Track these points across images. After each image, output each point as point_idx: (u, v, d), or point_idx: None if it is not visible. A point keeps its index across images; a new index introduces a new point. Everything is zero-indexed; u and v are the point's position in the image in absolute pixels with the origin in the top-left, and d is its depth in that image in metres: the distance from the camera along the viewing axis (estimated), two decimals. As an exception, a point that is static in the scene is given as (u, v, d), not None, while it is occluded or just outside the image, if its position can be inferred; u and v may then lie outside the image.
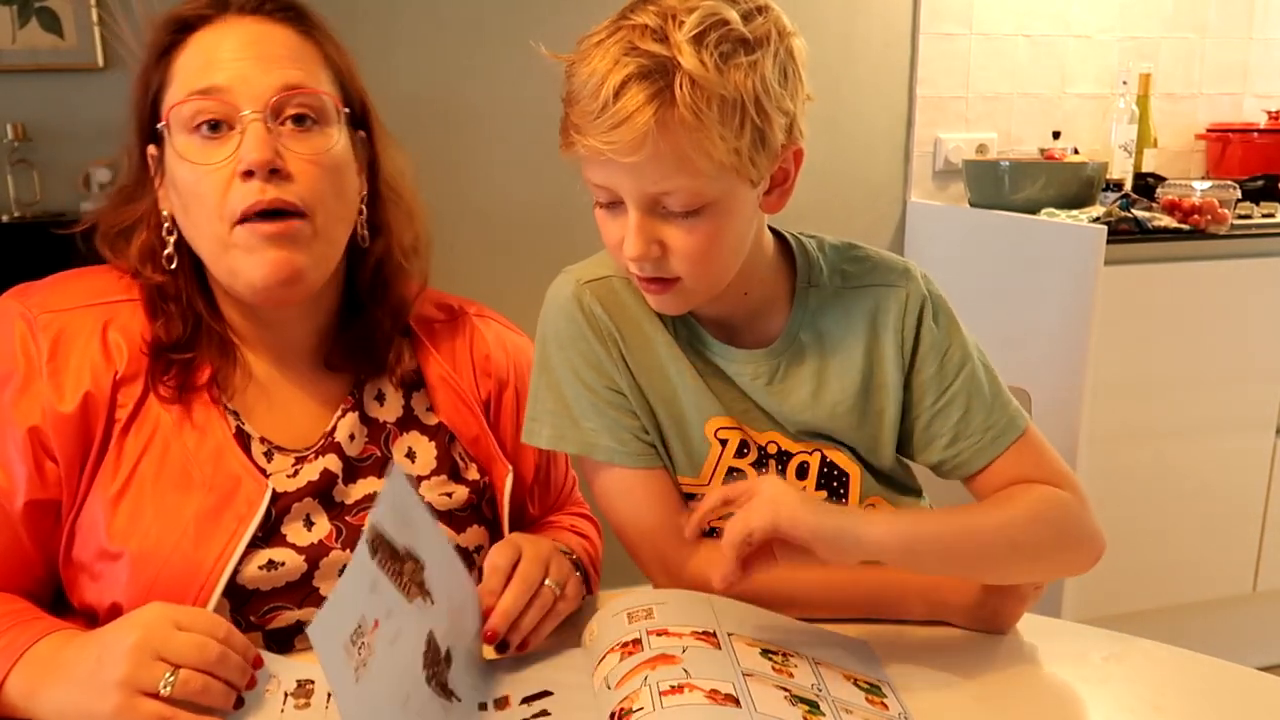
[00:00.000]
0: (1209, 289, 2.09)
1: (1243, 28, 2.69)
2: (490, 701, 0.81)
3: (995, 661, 0.90)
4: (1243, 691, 0.86)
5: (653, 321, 0.96)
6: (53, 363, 0.86)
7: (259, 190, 0.85)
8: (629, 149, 0.79)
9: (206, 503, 0.86)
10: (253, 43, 0.88)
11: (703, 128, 0.79)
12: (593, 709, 0.78)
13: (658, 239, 0.85)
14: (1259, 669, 0.88)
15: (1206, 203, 2.08)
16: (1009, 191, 2.24)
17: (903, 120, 2.48)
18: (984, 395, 0.96)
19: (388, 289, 0.99)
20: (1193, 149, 2.73)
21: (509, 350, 1.06)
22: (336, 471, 0.93)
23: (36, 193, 1.94)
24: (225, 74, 0.86)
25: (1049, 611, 1.08)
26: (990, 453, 0.94)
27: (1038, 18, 2.51)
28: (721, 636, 0.81)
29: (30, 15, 1.93)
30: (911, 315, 0.96)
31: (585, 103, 0.80)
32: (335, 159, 0.90)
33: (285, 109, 0.87)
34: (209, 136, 0.86)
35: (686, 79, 0.78)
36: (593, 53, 0.81)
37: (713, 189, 0.83)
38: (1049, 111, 2.57)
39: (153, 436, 0.88)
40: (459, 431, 1.00)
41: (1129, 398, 2.09)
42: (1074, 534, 0.91)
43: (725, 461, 0.97)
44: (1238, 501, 2.23)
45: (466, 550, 0.97)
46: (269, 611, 0.88)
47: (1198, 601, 2.25)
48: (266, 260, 0.86)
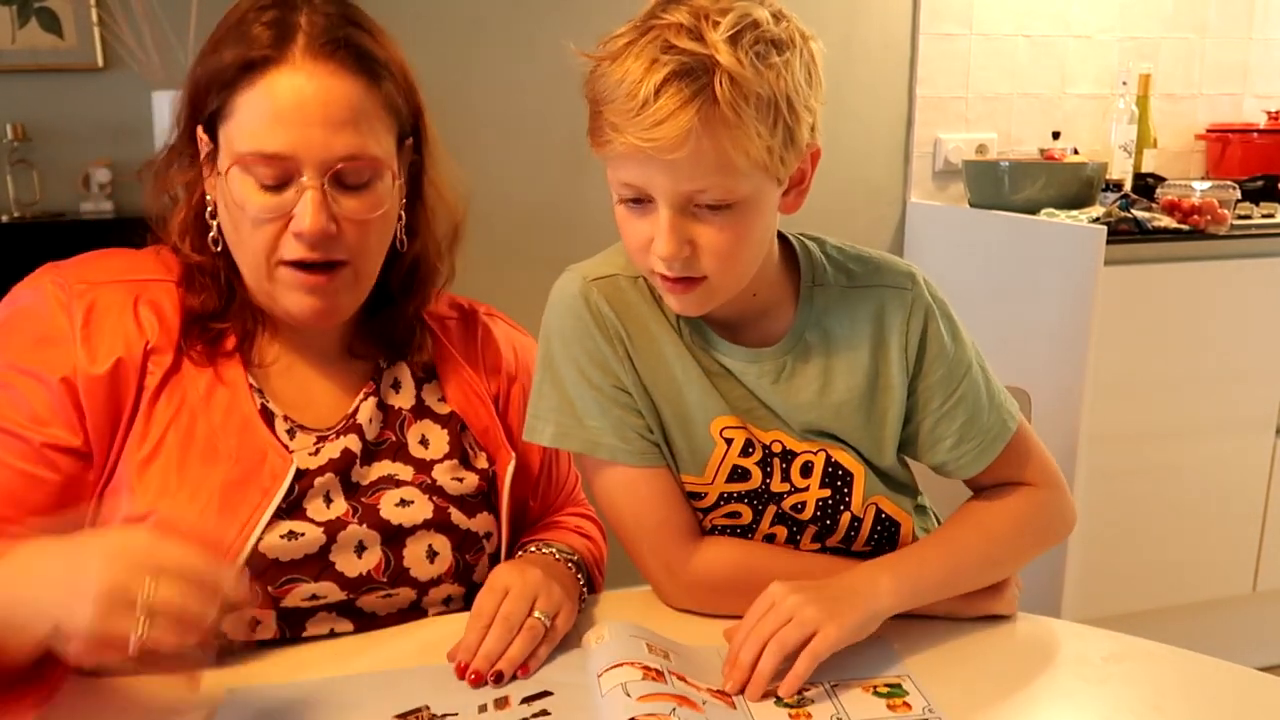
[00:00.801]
0: (1209, 289, 2.09)
1: (1243, 28, 2.70)
2: (490, 702, 0.81)
3: (995, 661, 0.90)
4: (1243, 691, 0.86)
5: (659, 320, 0.96)
6: (86, 328, 0.88)
7: (308, 249, 0.89)
8: (671, 146, 0.79)
9: (232, 475, 0.88)
10: (319, 103, 0.87)
11: (742, 125, 0.80)
12: (592, 710, 0.78)
13: (689, 238, 0.85)
14: (1259, 669, 0.88)
15: (1206, 203, 2.08)
16: (1009, 192, 2.24)
17: (903, 120, 2.48)
18: (982, 399, 0.98)
19: (419, 285, 1.02)
20: (1192, 149, 2.73)
21: (517, 349, 1.10)
22: (356, 451, 0.95)
23: (36, 193, 1.94)
24: (289, 139, 0.86)
25: (1049, 611, 1.09)
26: (989, 456, 0.98)
27: (1038, 18, 2.51)
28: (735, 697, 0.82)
29: (30, 15, 1.93)
30: (917, 320, 0.97)
31: (622, 101, 0.81)
32: (385, 214, 0.93)
33: (344, 174, 0.89)
34: (266, 186, 0.88)
35: (726, 77, 0.79)
36: (625, 52, 0.81)
37: (745, 186, 0.84)
38: (1049, 112, 2.57)
39: (180, 407, 0.90)
40: (470, 421, 1.03)
41: (1129, 398, 2.09)
42: (1053, 530, 1.01)
43: (730, 460, 0.97)
44: (1238, 501, 2.23)
45: (476, 535, 0.99)
46: (285, 583, 0.89)
47: (1198, 601, 2.24)
48: (306, 301, 0.91)
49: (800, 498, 0.99)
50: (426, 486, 0.97)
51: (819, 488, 0.98)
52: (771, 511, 0.99)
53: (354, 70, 0.89)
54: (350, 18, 0.92)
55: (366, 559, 0.92)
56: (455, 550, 0.97)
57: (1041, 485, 1.00)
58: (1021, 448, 1.00)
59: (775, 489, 0.98)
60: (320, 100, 0.87)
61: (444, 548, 0.96)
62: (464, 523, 0.98)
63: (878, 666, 0.87)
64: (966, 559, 0.94)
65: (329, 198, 0.88)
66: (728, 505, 0.98)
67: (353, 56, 0.89)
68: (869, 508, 1.00)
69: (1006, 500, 0.99)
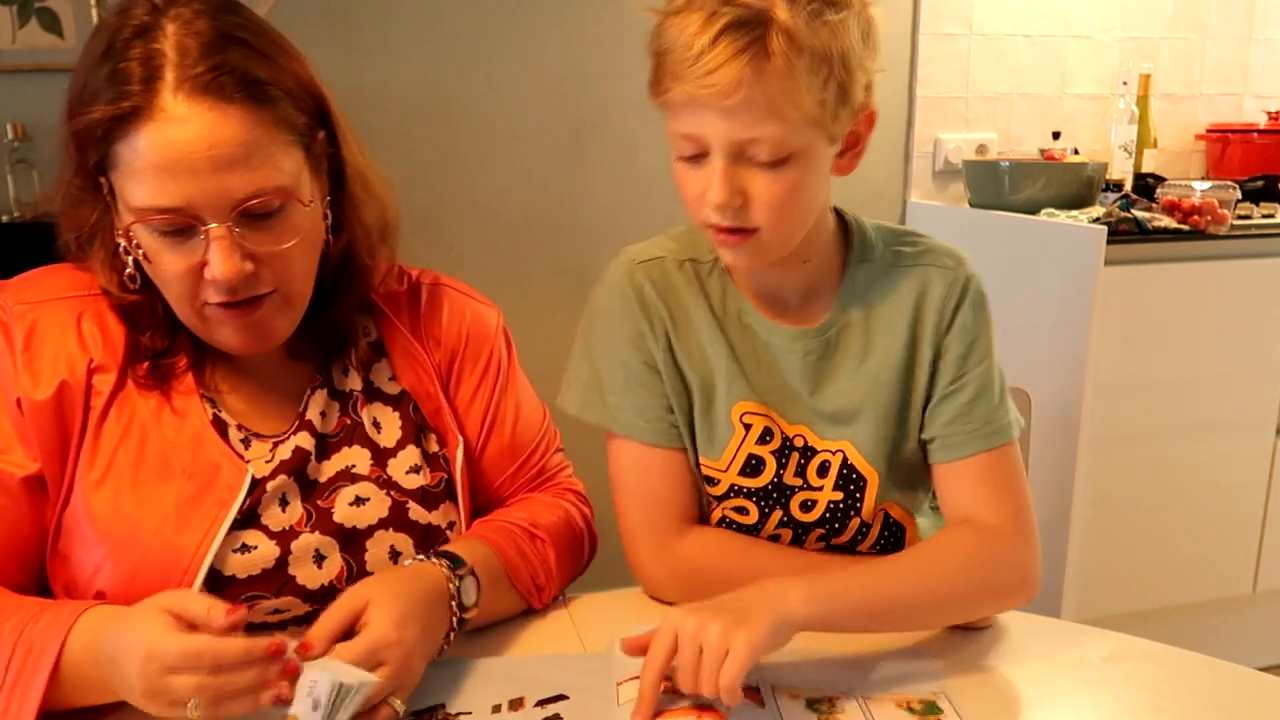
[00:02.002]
0: (1209, 289, 2.09)
1: (1243, 28, 2.69)
2: (505, 703, 0.81)
3: (995, 662, 0.90)
4: (1243, 691, 0.86)
5: (698, 303, 0.99)
6: (27, 353, 0.86)
7: (230, 293, 0.85)
8: (724, 93, 0.83)
9: (187, 490, 0.87)
10: (203, 148, 0.80)
11: (793, 76, 0.83)
12: (607, 714, 0.78)
13: (741, 188, 0.88)
14: (1259, 669, 0.88)
15: (1206, 203, 2.08)
16: (1009, 192, 2.24)
17: (903, 120, 2.48)
18: (992, 391, 0.98)
19: (351, 283, 0.98)
20: (1193, 149, 2.73)
21: (465, 317, 1.04)
22: (309, 449, 0.94)
23: (36, 193, 1.94)
24: (180, 191, 0.80)
25: (1049, 611, 1.08)
26: (978, 444, 0.97)
27: (1038, 18, 2.51)
28: (765, 691, 0.82)
29: (30, 15, 1.93)
30: (953, 297, 0.99)
31: (680, 51, 0.84)
32: (304, 237, 0.88)
33: (250, 211, 0.83)
34: (172, 239, 0.83)
35: (781, 30, 0.82)
36: (687, 6, 0.85)
37: (797, 138, 0.86)
38: (1049, 112, 2.57)
39: (130, 425, 0.88)
40: (420, 400, 1.00)
41: (1129, 398, 2.09)
42: (1003, 580, 0.93)
43: (746, 448, 0.98)
44: (1238, 501, 2.23)
45: (439, 528, 0.96)
46: (246, 601, 0.88)
47: (1198, 601, 2.24)
48: (238, 334, 0.88)
49: (812, 495, 0.99)
50: (383, 482, 0.95)
51: (832, 489, 0.99)
52: (777, 516, 0.99)
53: (237, 99, 0.81)
54: (224, 31, 0.83)
55: (328, 568, 0.91)
56: (419, 547, 0.94)
57: (1008, 533, 0.94)
58: (1007, 469, 0.97)
59: (788, 482, 0.99)
60: (204, 145, 0.79)
61: (406, 546, 0.94)
62: (424, 517, 0.96)
63: (914, 681, 0.85)
64: (897, 590, 0.88)
65: (238, 239, 0.83)
66: (736, 499, 0.99)
67: (233, 84, 0.81)
68: (878, 514, 1.00)
69: (961, 539, 0.94)
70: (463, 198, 2.19)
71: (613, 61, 2.16)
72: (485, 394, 1.04)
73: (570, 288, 2.21)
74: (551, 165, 2.21)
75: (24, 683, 0.76)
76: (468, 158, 2.19)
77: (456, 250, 2.17)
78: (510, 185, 2.21)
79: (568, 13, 2.15)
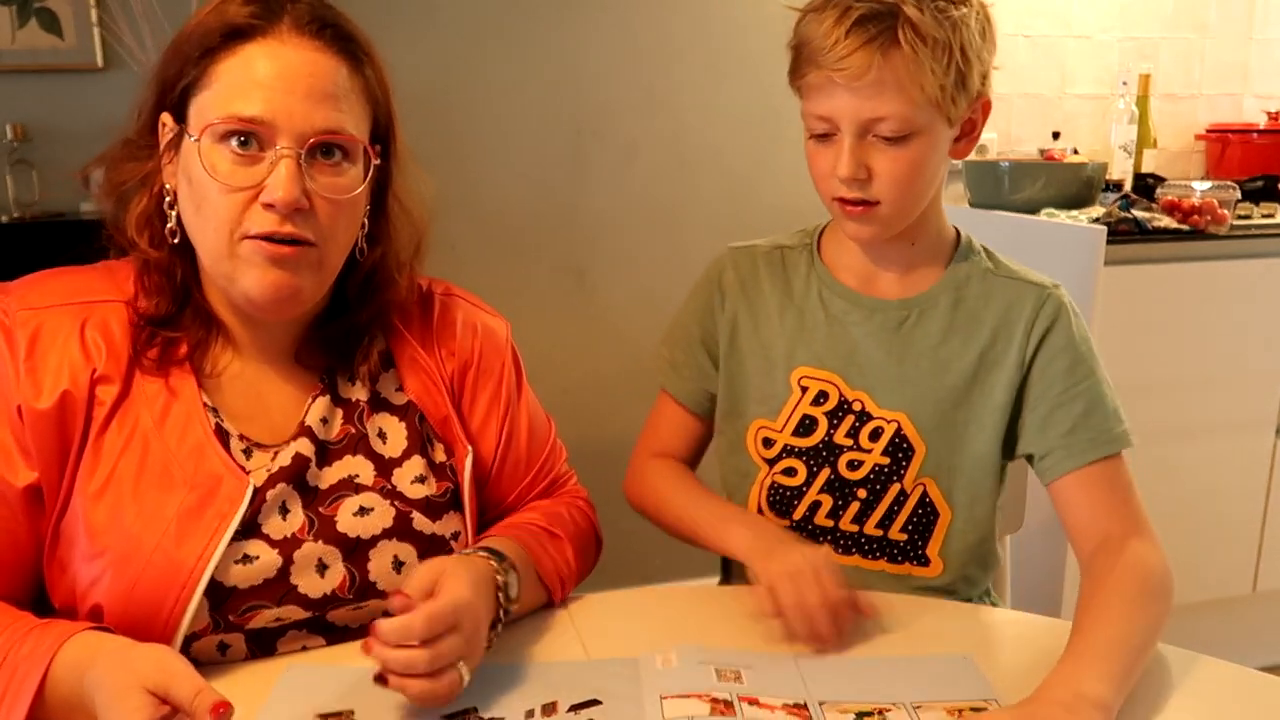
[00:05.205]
0: (1209, 289, 2.09)
1: (1243, 28, 2.70)
2: (538, 707, 0.80)
3: (995, 662, 0.90)
4: (1243, 691, 0.86)
5: (775, 284, 1.12)
6: (30, 360, 0.85)
7: (278, 222, 0.85)
8: (856, 75, 0.94)
9: (188, 501, 0.86)
10: (303, 75, 0.86)
11: (918, 61, 0.94)
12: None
13: (866, 163, 0.98)
14: (1259, 669, 0.88)
15: (1206, 203, 2.08)
16: (1009, 192, 2.24)
17: (903, 120, 2.48)
18: (1106, 403, 1.05)
19: (375, 295, 0.99)
20: (1192, 149, 2.73)
21: (477, 331, 1.05)
22: (309, 455, 0.93)
23: (36, 193, 1.94)
24: (269, 105, 0.84)
25: (1049, 611, 1.08)
26: (1099, 451, 1.02)
27: (1038, 18, 2.51)
28: (813, 707, 0.81)
29: (30, 15, 1.93)
30: (1044, 319, 1.05)
31: (819, 41, 0.96)
32: (355, 198, 0.90)
33: (321, 149, 0.87)
34: (238, 153, 0.85)
35: (908, 22, 0.94)
36: (825, 4, 0.97)
37: (920, 117, 0.97)
38: (1049, 112, 2.57)
39: (132, 435, 0.87)
40: (428, 410, 1.00)
41: (1128, 398, 2.05)
42: (1169, 590, 0.98)
43: (801, 408, 1.08)
44: (1238, 501, 2.23)
45: (442, 538, 0.96)
46: (247, 610, 0.87)
47: (1198, 601, 2.24)
48: (268, 279, 0.86)
49: (860, 456, 1.06)
50: (387, 492, 0.94)
51: (880, 454, 1.06)
52: (824, 475, 1.06)
53: (339, 51, 0.89)
54: (336, 19, 0.91)
55: (330, 577, 0.90)
56: (422, 558, 0.94)
57: (1141, 531, 0.99)
58: (1126, 478, 1.02)
59: (838, 441, 1.07)
60: (304, 71, 0.86)
61: (410, 556, 0.93)
62: (428, 527, 0.95)
63: (964, 690, 0.84)
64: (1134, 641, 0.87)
65: (304, 171, 0.85)
66: (788, 459, 1.08)
67: (339, 38, 0.89)
68: (918, 486, 1.05)
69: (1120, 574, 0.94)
70: (463, 198, 2.19)
71: (613, 62, 2.16)
72: (500, 410, 1.04)
73: (570, 288, 2.21)
74: (552, 165, 2.21)
75: (6, 706, 0.75)
76: (468, 158, 2.20)
77: (457, 251, 2.17)
78: (511, 185, 2.21)
79: (568, 14, 2.15)
